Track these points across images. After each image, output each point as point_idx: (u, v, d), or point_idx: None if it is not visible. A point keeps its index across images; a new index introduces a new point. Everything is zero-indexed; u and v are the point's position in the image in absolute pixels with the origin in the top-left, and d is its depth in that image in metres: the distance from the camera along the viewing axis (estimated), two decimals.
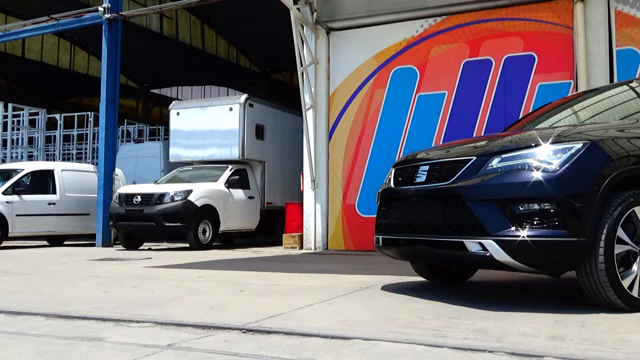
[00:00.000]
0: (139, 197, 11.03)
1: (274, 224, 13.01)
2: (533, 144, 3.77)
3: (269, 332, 3.07)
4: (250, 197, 12.41)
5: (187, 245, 10.99)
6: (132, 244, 11.36)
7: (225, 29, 22.62)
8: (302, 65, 10.16)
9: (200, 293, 4.69)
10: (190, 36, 21.99)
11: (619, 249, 3.54)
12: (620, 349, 2.62)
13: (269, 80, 26.26)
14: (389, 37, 10.16)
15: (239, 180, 12.23)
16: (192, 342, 2.91)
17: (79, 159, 20.75)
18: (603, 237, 3.50)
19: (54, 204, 12.49)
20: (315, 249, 10.28)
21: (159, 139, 20.53)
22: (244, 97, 12.62)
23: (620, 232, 3.55)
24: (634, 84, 5.22)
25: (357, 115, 10.29)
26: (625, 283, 3.54)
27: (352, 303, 4.10)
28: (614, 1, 8.75)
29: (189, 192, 10.91)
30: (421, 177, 4.24)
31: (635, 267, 3.59)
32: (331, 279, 5.63)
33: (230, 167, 12.22)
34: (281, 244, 10.95)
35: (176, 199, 10.79)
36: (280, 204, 12.77)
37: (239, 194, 12.06)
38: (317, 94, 10.52)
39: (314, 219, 10.36)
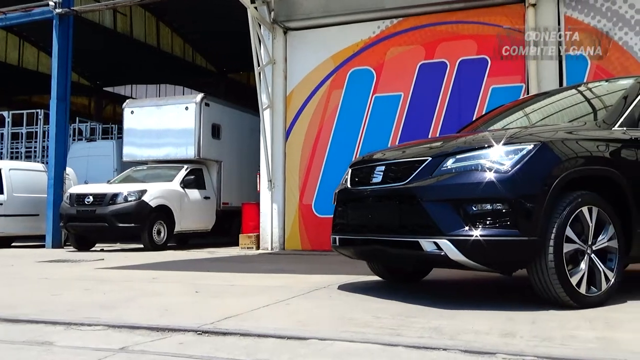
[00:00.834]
0: (90, 197, 10.78)
1: (231, 224, 12.90)
2: (486, 145, 3.84)
3: (224, 334, 3.04)
4: (206, 197, 12.28)
5: (141, 246, 10.79)
6: (83, 245, 11.09)
7: (181, 27, 22.30)
8: (259, 65, 10.11)
9: (155, 295, 4.61)
10: (145, 33, 21.57)
11: (567, 247, 3.65)
12: (568, 345, 2.70)
13: (226, 80, 26.02)
14: (346, 38, 10.21)
15: (195, 180, 12.09)
16: (145, 345, 2.86)
17: (28, 157, 20.09)
18: (552, 236, 3.60)
19: (1, 204, 12.07)
20: (272, 249, 10.24)
21: (112, 138, 20.06)
22: (200, 96, 12.49)
23: (569, 232, 3.66)
24: (581, 88, 5.39)
25: (314, 115, 10.30)
26: (574, 280, 3.64)
27: (308, 303, 4.10)
28: (563, 7, 9.01)
29: (143, 192, 10.72)
30: (377, 178, 4.28)
31: (582, 265, 3.71)
32: (288, 279, 5.62)
33: (185, 166, 12.07)
34: (238, 245, 10.86)
35: (130, 199, 10.58)
36: (236, 204, 12.67)
37: (194, 194, 11.92)
38: (274, 94, 10.48)
39: (270, 219, 10.32)
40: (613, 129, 4.16)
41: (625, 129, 4.19)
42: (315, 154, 10.22)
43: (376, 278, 5.32)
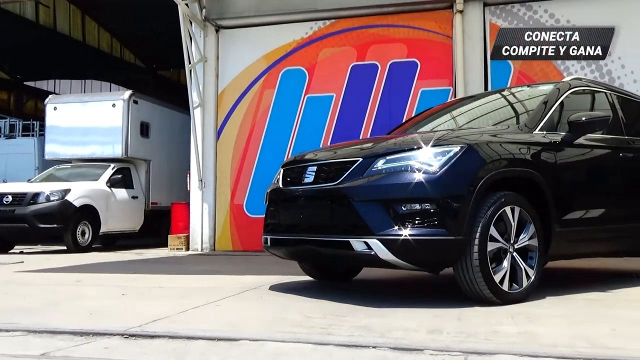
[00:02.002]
0: (9, 196, 10.26)
1: (160, 224, 12.60)
2: (415, 147, 3.93)
3: (152, 337, 2.97)
4: (134, 197, 11.95)
5: (64, 248, 10.38)
6: (1, 247, 10.54)
7: (109, 21, 21.56)
8: (190, 63, 9.93)
9: (79, 298, 4.44)
10: (70, 27, 20.74)
11: (491, 246, 3.78)
12: (491, 340, 2.80)
13: (156, 77, 25.39)
14: (279, 37, 10.19)
15: (122, 179, 11.75)
16: (68, 350, 2.75)
17: None
18: (477, 235, 3.72)
19: None
20: (202, 250, 10.08)
21: (33, 135, 19.19)
22: (128, 93, 12.15)
23: (493, 231, 3.80)
24: (505, 93, 5.61)
25: (246, 115, 10.22)
26: (497, 278, 3.79)
27: (239, 304, 4.07)
28: (488, 14, 9.35)
29: (67, 191, 10.32)
30: (309, 178, 4.30)
31: (505, 263, 3.86)
32: (218, 280, 5.55)
33: (112, 165, 11.71)
34: (167, 246, 10.63)
35: (52, 198, 10.16)
36: (166, 204, 12.40)
37: (121, 193, 11.59)
38: (205, 93, 10.33)
39: (201, 220, 10.16)
40: (534, 132, 4.36)
41: (545, 132, 4.40)
42: (247, 154, 10.14)
43: (307, 278, 5.33)
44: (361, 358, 2.55)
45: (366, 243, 3.74)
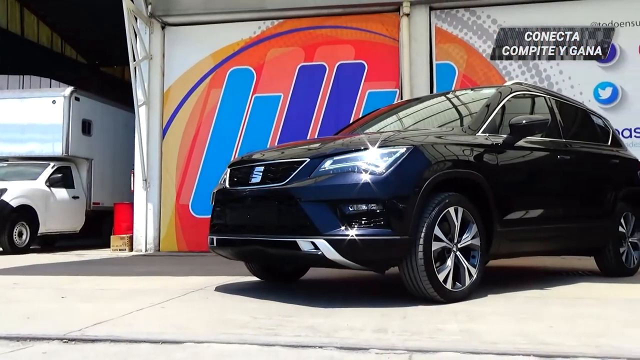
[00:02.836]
0: None
1: (102, 225, 12.27)
2: (362, 148, 3.96)
3: (93, 341, 2.88)
4: (75, 197, 11.59)
5: (0, 249, 9.97)
6: None
7: (49, 15, 20.87)
8: (134, 60, 9.72)
9: (16, 301, 4.27)
10: (7, 20, 19.97)
11: (435, 245, 3.86)
12: (435, 337, 2.85)
13: (99, 74, 24.73)
14: (226, 36, 10.10)
15: (62, 178, 11.37)
16: (3, 356, 2.64)
17: None
18: (422, 235, 3.79)
19: None
20: (146, 250, 9.88)
21: None
22: (69, 89, 11.77)
23: (437, 231, 3.87)
24: (450, 95, 5.73)
25: (193, 114, 10.08)
26: (441, 277, 3.86)
27: (184, 305, 4.00)
28: (434, 18, 9.54)
29: (3, 191, 9.91)
30: (256, 178, 4.27)
31: (449, 262, 3.94)
32: (163, 282, 5.45)
33: (52, 164, 11.31)
34: (109, 247, 10.37)
35: None
36: (108, 204, 12.08)
37: (61, 193, 11.22)
38: (150, 91, 10.13)
39: (145, 220, 9.95)
40: (477, 134, 4.47)
41: (487, 134, 4.52)
42: (193, 153, 10.01)
43: (254, 278, 5.30)
44: (308, 358, 2.55)
45: (313, 243, 3.75)
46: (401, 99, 9.14)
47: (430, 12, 9.51)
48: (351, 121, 7.97)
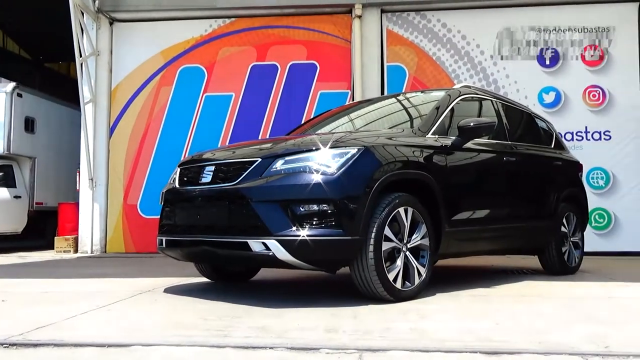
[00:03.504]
0: None
1: (45, 226, 11.88)
2: (314, 148, 3.97)
3: (36, 345, 2.78)
4: (17, 197, 11.18)
5: None
6: None
7: None
8: (81, 56, 9.45)
9: None
10: None
11: (386, 245, 3.90)
12: (385, 337, 2.88)
13: (43, 69, 23.92)
14: (177, 34, 9.95)
15: (3, 177, 10.97)
16: None
17: None
18: (373, 235, 3.82)
19: None
20: (92, 252, 9.63)
21: None
22: (11, 85, 11.34)
23: (387, 231, 3.92)
24: (400, 97, 5.81)
25: (142, 112, 9.88)
26: (391, 276, 3.91)
27: (132, 308, 3.92)
28: (386, 21, 9.64)
29: None
30: (207, 178, 4.22)
31: (399, 262, 3.99)
32: (110, 284, 5.32)
33: None
34: (53, 248, 10.05)
35: None
36: (53, 204, 11.71)
37: (2, 192, 10.82)
38: (97, 88, 9.87)
39: (91, 220, 9.69)
40: (427, 136, 4.54)
41: (437, 136, 4.60)
42: (142, 152, 9.81)
43: (204, 280, 5.24)
44: (258, 359, 2.54)
45: (264, 244, 3.73)
46: (352, 100, 9.21)
47: (381, 14, 9.62)
48: (303, 121, 7.99)
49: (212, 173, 4.20)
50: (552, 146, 6.39)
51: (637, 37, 9.27)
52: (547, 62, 9.37)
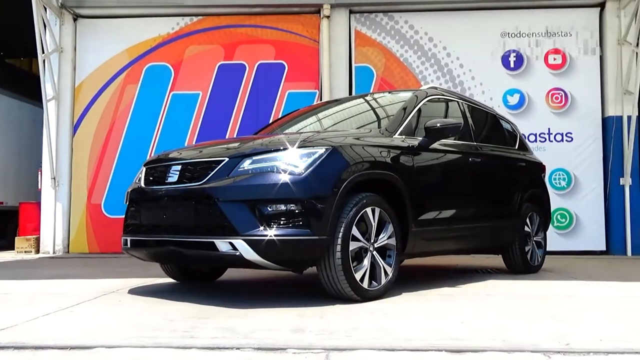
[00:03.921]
0: None
1: (5, 226, 11.59)
2: (281, 148, 3.96)
3: None
4: None
5: None
6: None
7: None
8: (43, 52, 9.24)
9: None
10: None
11: (353, 245, 3.92)
12: (352, 336, 2.89)
13: (4, 66, 23.33)
14: (143, 31, 9.80)
15: None
16: None
17: None
18: (340, 235, 3.84)
19: None
20: (54, 252, 9.42)
21: None
22: None
23: (355, 231, 3.93)
24: (368, 98, 5.84)
25: (106, 110, 9.71)
26: (358, 276, 3.92)
27: (96, 309, 3.85)
28: (354, 21, 9.68)
29: None
30: (173, 177, 4.18)
31: (366, 262, 4.01)
32: (73, 285, 5.22)
33: None
34: (13, 249, 9.81)
35: None
36: (13, 203, 11.44)
37: None
38: (60, 85, 9.67)
39: (53, 220, 9.49)
40: (394, 136, 4.58)
41: (404, 137, 4.64)
42: (107, 151, 9.64)
43: (170, 280, 5.18)
44: None
45: (231, 244, 3.71)
46: (320, 100, 9.22)
47: (350, 15, 9.65)
48: (271, 121, 7.97)
49: (178, 172, 4.16)
50: (516, 147, 6.51)
51: (598, 42, 9.49)
52: (512, 65, 9.53)
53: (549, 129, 9.38)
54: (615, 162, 9.22)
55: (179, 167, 4.19)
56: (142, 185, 4.46)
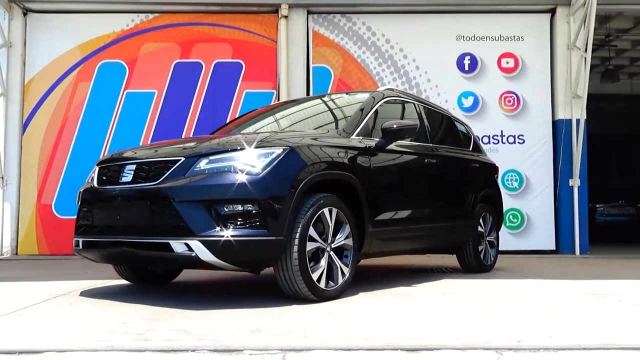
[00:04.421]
0: None
1: None
2: (239, 148, 3.94)
3: None
4: None
5: None
6: None
7: None
8: None
9: None
10: None
11: (310, 246, 3.92)
12: (309, 336, 2.90)
13: None
14: (96, 27, 9.57)
15: None
16: None
17: None
18: (297, 235, 3.83)
19: None
20: (2, 254, 9.11)
21: None
22: None
23: (312, 231, 3.94)
24: (326, 98, 5.86)
25: (58, 108, 9.45)
26: (315, 276, 3.93)
27: (46, 312, 3.74)
28: (312, 22, 9.70)
29: None
30: (127, 177, 4.10)
31: (323, 262, 4.02)
32: (21, 288, 5.06)
33: None
34: None
35: None
36: None
37: None
38: (9, 81, 9.36)
39: (1, 221, 9.17)
40: (351, 137, 4.60)
41: (361, 138, 4.67)
42: (58, 150, 9.38)
43: (123, 282, 5.08)
44: None
45: (187, 244, 3.67)
46: (278, 100, 9.19)
47: (308, 15, 9.65)
48: (228, 121, 7.90)
49: (133, 172, 4.08)
50: (471, 149, 6.63)
51: (549, 46, 9.77)
52: (467, 68, 9.71)
53: (501, 131, 9.60)
54: (564, 164, 9.51)
55: (133, 167, 4.11)
56: (95, 185, 4.36)
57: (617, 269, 7.03)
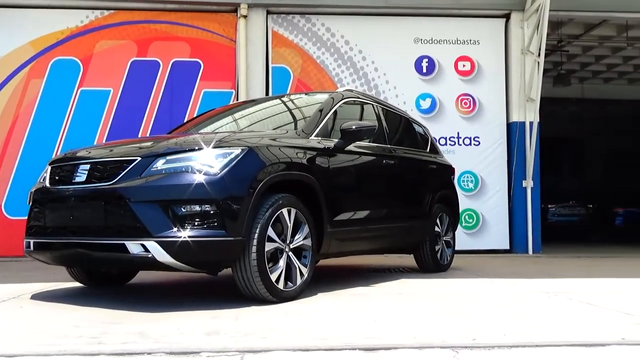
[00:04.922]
0: None
1: None
2: (196, 148, 3.90)
3: None
4: None
5: None
6: None
7: None
8: None
9: None
10: None
11: (269, 246, 3.91)
12: (267, 337, 2.89)
13: None
14: (49, 23, 9.31)
15: None
16: None
17: None
18: (256, 236, 3.82)
19: None
20: None
21: None
22: None
23: (270, 232, 3.93)
24: (285, 99, 5.85)
25: (8, 105, 9.16)
26: (273, 277, 3.92)
27: None
28: (271, 22, 9.66)
29: None
30: (81, 177, 4.00)
31: (281, 263, 4.01)
32: None
33: None
34: None
35: None
36: None
37: None
38: None
39: None
40: (310, 138, 4.61)
41: (320, 138, 4.68)
42: (8, 149, 9.08)
43: (76, 284, 4.96)
44: None
45: (143, 245, 3.61)
46: (237, 99, 9.13)
47: (267, 15, 9.62)
48: (185, 120, 7.80)
49: (87, 172, 3.99)
50: (428, 150, 6.72)
51: (503, 50, 9.98)
52: (424, 70, 9.83)
53: (458, 132, 9.77)
54: (518, 166, 9.73)
55: (87, 167, 4.02)
56: (47, 185, 4.24)
57: (567, 268, 7.24)
